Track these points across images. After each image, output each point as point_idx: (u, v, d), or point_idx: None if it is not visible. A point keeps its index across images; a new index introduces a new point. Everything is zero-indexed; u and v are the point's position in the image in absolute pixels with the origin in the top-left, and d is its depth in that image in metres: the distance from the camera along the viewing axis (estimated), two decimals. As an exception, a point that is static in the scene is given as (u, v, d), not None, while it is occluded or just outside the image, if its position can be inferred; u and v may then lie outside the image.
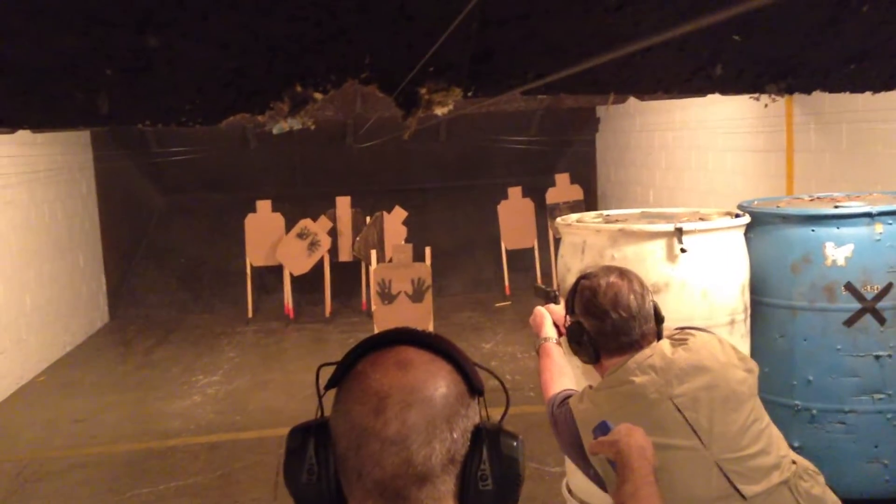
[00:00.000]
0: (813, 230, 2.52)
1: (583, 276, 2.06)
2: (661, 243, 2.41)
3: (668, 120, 8.10)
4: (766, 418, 2.01)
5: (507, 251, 9.36)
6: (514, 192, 9.32)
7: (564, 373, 2.20)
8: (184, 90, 1.55)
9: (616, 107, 9.08)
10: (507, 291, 9.30)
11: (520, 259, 9.50)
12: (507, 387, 1.18)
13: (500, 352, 7.30)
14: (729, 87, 1.80)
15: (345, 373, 1.10)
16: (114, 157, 9.29)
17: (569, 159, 10.19)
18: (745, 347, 2.58)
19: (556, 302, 2.38)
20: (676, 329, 2.11)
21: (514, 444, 1.10)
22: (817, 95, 5.06)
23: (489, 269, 9.75)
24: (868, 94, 4.02)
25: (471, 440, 1.08)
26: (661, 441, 1.74)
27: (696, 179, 7.59)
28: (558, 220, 2.76)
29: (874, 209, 2.49)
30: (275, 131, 1.68)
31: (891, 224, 2.47)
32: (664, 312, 2.47)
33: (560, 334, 2.31)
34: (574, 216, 2.80)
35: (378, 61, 1.50)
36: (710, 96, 5.48)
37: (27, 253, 7.25)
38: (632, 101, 7.58)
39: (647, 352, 1.95)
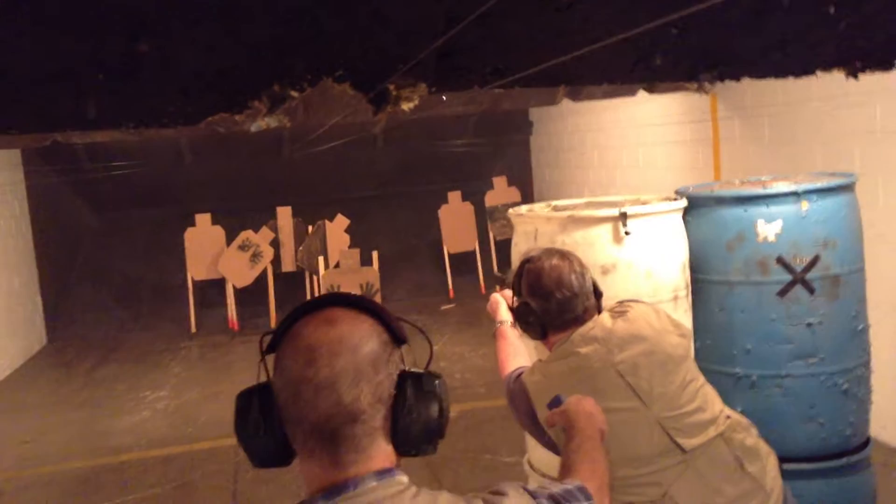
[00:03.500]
0: (745, 210, 2.72)
1: (526, 260, 2.20)
2: (607, 227, 2.58)
3: (599, 120, 8.36)
4: (701, 378, 2.16)
5: (449, 255, 9.51)
6: (454, 196, 9.48)
7: (519, 352, 2.35)
8: (169, 93, 1.64)
9: (548, 109, 9.33)
10: (451, 294, 9.44)
11: (462, 262, 9.66)
12: (432, 342, 1.35)
13: (449, 352, 7.43)
14: (668, 75, 1.97)
15: (281, 337, 1.23)
16: (45, 175, 9.12)
17: (505, 162, 10.40)
18: (688, 321, 2.77)
19: (510, 287, 2.52)
20: (616, 303, 2.26)
21: (436, 382, 1.25)
22: (739, 90, 5.31)
23: (432, 274, 9.88)
24: (786, 85, 4.33)
25: (397, 382, 1.21)
26: (606, 405, 1.88)
27: (628, 176, 7.86)
28: (510, 210, 2.91)
29: (800, 188, 2.71)
30: (253, 129, 1.78)
31: (815, 201, 2.69)
32: (614, 292, 2.62)
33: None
34: (525, 207, 2.95)
35: (352, 61, 1.62)
36: (639, 95, 5.69)
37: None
38: (564, 102, 7.82)
39: (589, 325, 2.09)
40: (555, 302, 2.11)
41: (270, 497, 4.60)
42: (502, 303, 2.42)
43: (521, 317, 2.19)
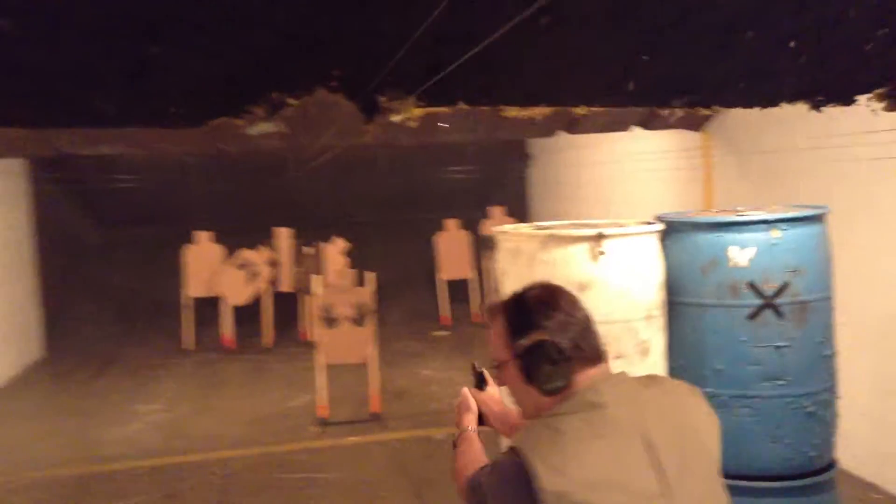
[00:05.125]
0: (719, 236, 2.86)
1: (522, 293, 1.72)
2: (584, 246, 2.71)
3: (596, 155, 8.53)
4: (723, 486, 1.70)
5: (444, 282, 9.63)
6: (451, 223, 9.64)
7: (484, 457, 1.91)
8: (175, 95, 1.78)
9: (547, 142, 9.51)
10: (445, 321, 9.54)
11: (457, 290, 9.78)
12: None
13: (439, 378, 7.52)
14: (641, 100, 2.12)
15: None
16: (50, 186, 9.28)
17: (503, 193, 10.56)
18: (661, 341, 2.89)
19: (481, 388, 2.10)
20: (644, 376, 1.78)
21: None
22: (732, 130, 5.46)
23: (426, 301, 9.99)
24: (774, 127, 4.49)
25: None
26: (622, 481, 1.51)
27: (622, 212, 8.00)
28: (494, 228, 3.04)
29: (771, 216, 2.85)
30: (253, 133, 1.92)
31: (786, 230, 2.82)
32: (589, 309, 2.73)
33: (482, 423, 2.04)
34: (509, 225, 3.08)
35: (346, 71, 1.76)
36: (635, 132, 5.85)
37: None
38: (562, 136, 8.00)
39: (617, 376, 1.67)
40: (579, 324, 1.65)
41: (256, 508, 4.68)
42: (473, 408, 2.00)
43: (541, 359, 1.62)
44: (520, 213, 10.43)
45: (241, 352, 8.79)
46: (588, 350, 1.65)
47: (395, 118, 1.97)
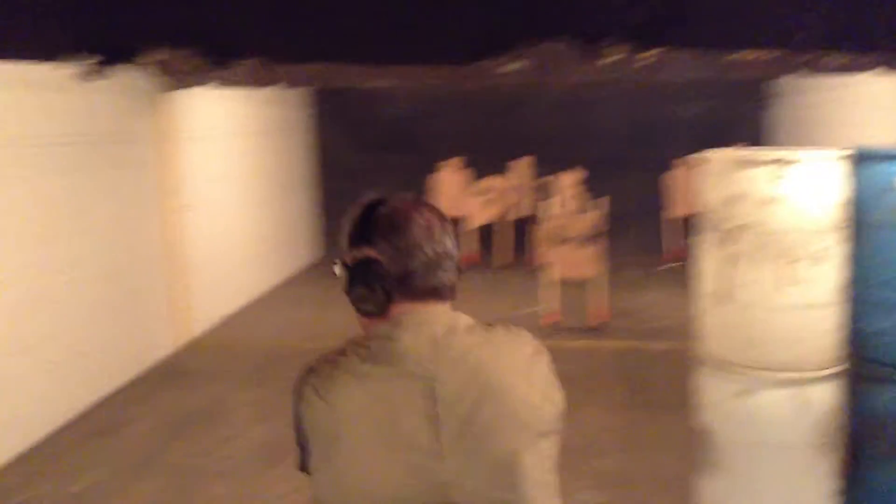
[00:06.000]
0: (892, 165, 3.30)
1: (377, 203, 1.51)
2: (767, 168, 3.25)
3: (838, 96, 8.47)
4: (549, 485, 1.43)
5: (671, 219, 10.04)
6: (682, 162, 9.97)
7: None
8: (452, 42, 2.62)
9: (788, 83, 9.51)
10: (674, 255, 9.95)
11: (687, 226, 10.15)
12: None
13: (661, 301, 8.13)
14: (807, 46, 2.66)
15: None
16: (323, 115, 10.83)
17: (739, 134, 10.65)
18: (836, 252, 3.37)
19: None
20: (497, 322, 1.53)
21: None
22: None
23: (653, 236, 10.45)
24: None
25: None
26: (381, 421, 1.35)
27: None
28: (694, 155, 3.64)
29: (939, 149, 3.23)
30: (505, 70, 2.72)
31: (952, 163, 3.21)
32: (774, 220, 3.27)
33: None
34: (711, 151, 3.65)
35: (573, 24, 2.51)
36: (871, 73, 5.90)
37: (261, 192, 8.85)
38: (803, 78, 8.03)
39: (439, 313, 1.46)
40: (425, 258, 1.45)
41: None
42: None
43: (362, 277, 1.46)
44: (756, 153, 10.48)
45: (480, 268, 9.87)
46: (421, 286, 1.45)
47: (610, 59, 2.68)
